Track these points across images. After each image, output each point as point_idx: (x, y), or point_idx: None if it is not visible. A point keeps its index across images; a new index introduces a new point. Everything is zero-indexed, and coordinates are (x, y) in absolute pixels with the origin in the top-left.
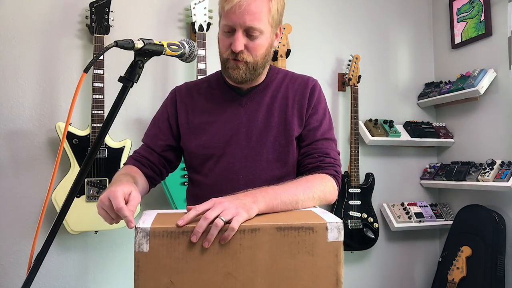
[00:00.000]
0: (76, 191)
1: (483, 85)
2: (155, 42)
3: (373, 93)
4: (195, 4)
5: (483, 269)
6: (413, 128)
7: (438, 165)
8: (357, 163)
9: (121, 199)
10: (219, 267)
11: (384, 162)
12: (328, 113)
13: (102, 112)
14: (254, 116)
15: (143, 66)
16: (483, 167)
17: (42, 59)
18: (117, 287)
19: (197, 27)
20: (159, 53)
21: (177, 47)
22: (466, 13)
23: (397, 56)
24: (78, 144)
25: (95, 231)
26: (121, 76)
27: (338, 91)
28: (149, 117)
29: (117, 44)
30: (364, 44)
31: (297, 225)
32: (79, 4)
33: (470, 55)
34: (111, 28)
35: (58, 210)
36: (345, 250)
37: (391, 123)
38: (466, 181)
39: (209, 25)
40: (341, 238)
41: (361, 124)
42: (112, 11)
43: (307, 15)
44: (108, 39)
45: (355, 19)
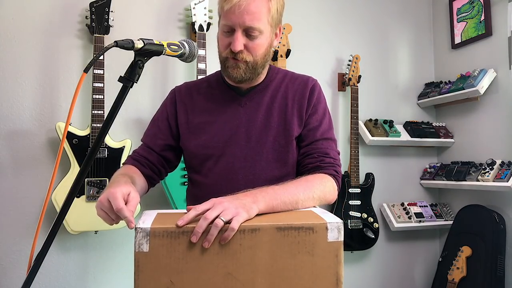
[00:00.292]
0: (76, 191)
1: (483, 85)
2: (155, 42)
3: (373, 93)
4: (195, 4)
5: (483, 269)
6: (413, 128)
7: (438, 165)
8: (357, 163)
9: (120, 200)
10: (219, 267)
11: (384, 162)
12: (328, 113)
13: (102, 112)
14: (253, 116)
15: (143, 66)
16: (483, 167)
17: (42, 59)
18: (117, 287)
19: (197, 27)
20: (159, 53)
21: (177, 47)
22: (466, 13)
23: (397, 56)
24: (78, 144)
25: (95, 231)
26: (121, 76)
27: (338, 91)
28: (149, 117)
29: (117, 44)
30: (364, 44)
31: (297, 225)
32: (79, 4)
33: (470, 55)
34: (111, 28)
35: (58, 210)
36: (345, 250)
37: (391, 123)
38: (466, 181)
39: (209, 25)
40: (341, 238)
41: (361, 124)
42: (112, 11)
43: (307, 15)
44: (108, 39)
45: (355, 19)
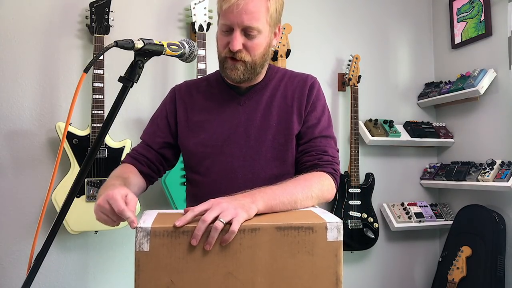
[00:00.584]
0: (76, 191)
1: (483, 85)
2: (155, 42)
3: (373, 93)
4: (195, 4)
5: (483, 269)
6: (413, 128)
7: (438, 165)
8: (357, 163)
9: (121, 201)
10: (219, 267)
11: (384, 162)
12: (327, 111)
13: (102, 112)
14: (252, 115)
15: (143, 66)
16: (483, 167)
17: (42, 59)
18: (117, 287)
19: (197, 27)
20: (159, 53)
21: (177, 47)
22: (466, 13)
23: (397, 56)
24: (78, 144)
25: (95, 231)
26: (121, 76)
27: (338, 91)
28: (149, 117)
29: (117, 44)
30: (364, 44)
31: (297, 225)
32: (79, 4)
33: (470, 55)
34: (111, 28)
35: (58, 210)
36: (345, 250)
37: (391, 123)
38: (466, 181)
39: (209, 25)
40: (341, 238)
41: (361, 124)
42: (112, 11)
43: (307, 15)
44: (108, 39)
45: (355, 19)
